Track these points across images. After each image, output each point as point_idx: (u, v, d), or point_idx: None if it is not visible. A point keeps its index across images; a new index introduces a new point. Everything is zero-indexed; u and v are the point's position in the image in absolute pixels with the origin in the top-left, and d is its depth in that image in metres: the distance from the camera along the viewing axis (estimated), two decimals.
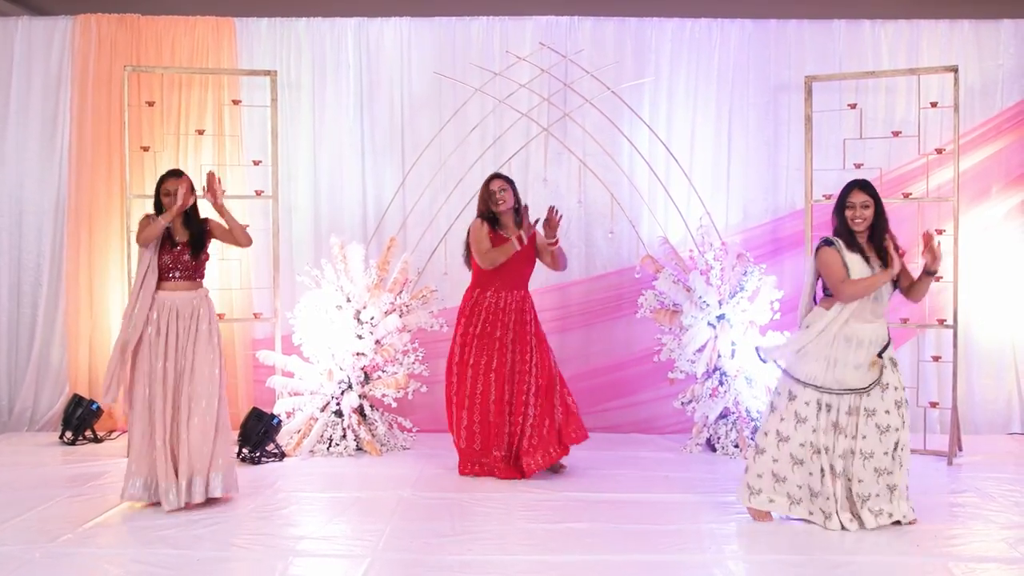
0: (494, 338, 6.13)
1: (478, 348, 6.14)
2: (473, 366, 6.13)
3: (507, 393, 6.11)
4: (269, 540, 4.87)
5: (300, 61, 7.72)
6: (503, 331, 6.15)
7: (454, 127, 7.44)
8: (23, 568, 4.42)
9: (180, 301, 5.46)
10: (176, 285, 5.47)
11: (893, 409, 5.08)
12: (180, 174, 5.51)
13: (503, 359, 6.12)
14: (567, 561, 4.56)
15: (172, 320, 5.43)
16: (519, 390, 6.10)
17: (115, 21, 7.63)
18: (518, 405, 6.09)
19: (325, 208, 7.75)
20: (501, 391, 6.11)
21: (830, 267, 5.11)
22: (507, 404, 6.11)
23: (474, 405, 6.12)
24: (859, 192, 5.13)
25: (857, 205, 5.11)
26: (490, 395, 6.10)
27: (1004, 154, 7.52)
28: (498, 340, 6.13)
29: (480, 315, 6.18)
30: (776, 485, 5.12)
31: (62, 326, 7.63)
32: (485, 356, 6.13)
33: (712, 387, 6.86)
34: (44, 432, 7.53)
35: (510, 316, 6.17)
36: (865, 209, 5.11)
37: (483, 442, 6.13)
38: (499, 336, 6.13)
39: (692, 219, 7.28)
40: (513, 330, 6.15)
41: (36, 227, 7.68)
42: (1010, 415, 7.56)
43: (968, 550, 4.74)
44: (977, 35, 7.58)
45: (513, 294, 6.20)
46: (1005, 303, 7.50)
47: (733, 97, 7.68)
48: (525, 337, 6.16)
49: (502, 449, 6.11)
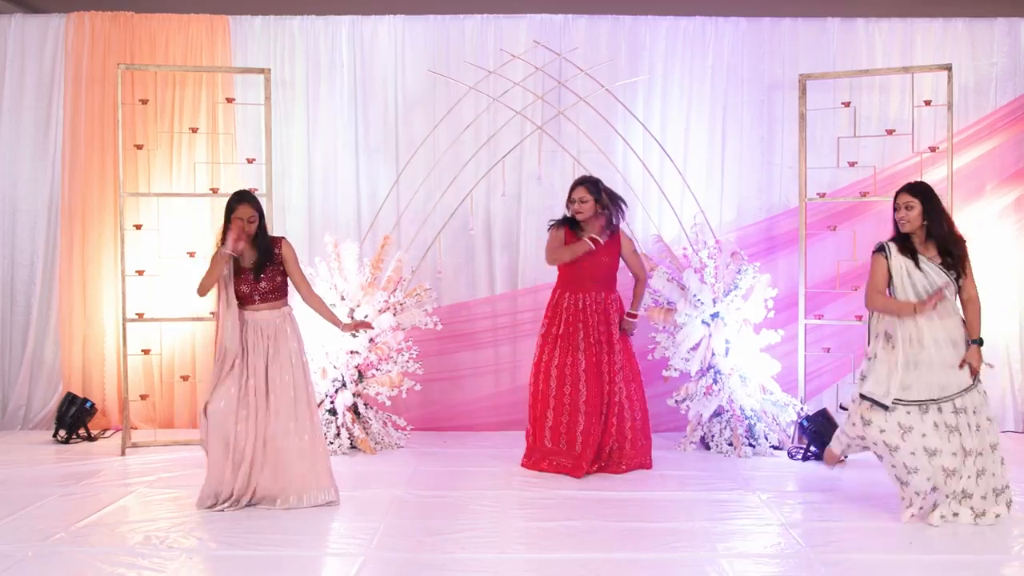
0: (577, 339, 6.19)
1: (562, 349, 6.21)
2: (558, 367, 6.20)
3: (598, 394, 6.15)
4: (262, 538, 4.86)
5: (294, 59, 7.71)
6: (586, 332, 6.20)
7: (448, 125, 7.44)
8: (15, 567, 4.42)
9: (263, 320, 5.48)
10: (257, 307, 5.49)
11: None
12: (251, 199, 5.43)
13: (590, 360, 6.18)
14: (561, 559, 4.56)
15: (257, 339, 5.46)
16: (612, 390, 6.17)
17: (108, 19, 7.61)
18: (611, 406, 6.16)
19: (319, 206, 7.74)
20: (592, 391, 6.15)
21: (871, 274, 5.22)
22: (598, 405, 6.14)
23: (561, 405, 6.19)
24: (903, 193, 5.17)
25: (901, 206, 5.14)
26: (580, 395, 6.17)
27: (998, 152, 7.53)
28: (582, 341, 6.19)
29: (561, 315, 6.25)
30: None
31: (56, 325, 7.62)
32: (570, 357, 6.19)
33: (706, 385, 6.87)
34: (37, 431, 7.53)
35: (592, 317, 6.21)
36: (909, 211, 5.12)
37: (567, 440, 6.17)
38: (583, 337, 6.19)
39: (686, 217, 7.28)
40: (598, 331, 6.21)
41: (29, 225, 7.67)
42: (1003, 413, 7.57)
43: (963, 547, 4.75)
44: (971, 34, 7.59)
45: (592, 295, 6.24)
46: (999, 301, 7.50)
47: (727, 95, 7.68)
48: (610, 338, 6.21)
49: (579, 447, 6.13)
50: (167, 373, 7.49)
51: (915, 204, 5.12)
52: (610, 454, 6.17)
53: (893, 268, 5.15)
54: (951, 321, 5.14)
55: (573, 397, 6.18)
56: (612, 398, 6.17)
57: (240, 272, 5.45)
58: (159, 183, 7.48)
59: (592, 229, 6.22)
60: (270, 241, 5.52)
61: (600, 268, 6.26)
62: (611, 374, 6.18)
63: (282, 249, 5.54)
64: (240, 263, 5.45)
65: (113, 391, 7.57)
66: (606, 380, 6.17)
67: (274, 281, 5.48)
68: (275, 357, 5.42)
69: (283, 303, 5.55)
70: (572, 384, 6.18)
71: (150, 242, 7.23)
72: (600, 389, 6.16)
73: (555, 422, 6.21)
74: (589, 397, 6.15)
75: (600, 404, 6.14)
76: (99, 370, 7.60)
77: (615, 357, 6.20)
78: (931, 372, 5.07)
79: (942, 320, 5.11)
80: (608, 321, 6.23)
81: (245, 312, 5.46)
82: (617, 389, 6.18)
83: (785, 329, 6.97)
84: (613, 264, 6.32)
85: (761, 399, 6.86)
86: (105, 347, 7.59)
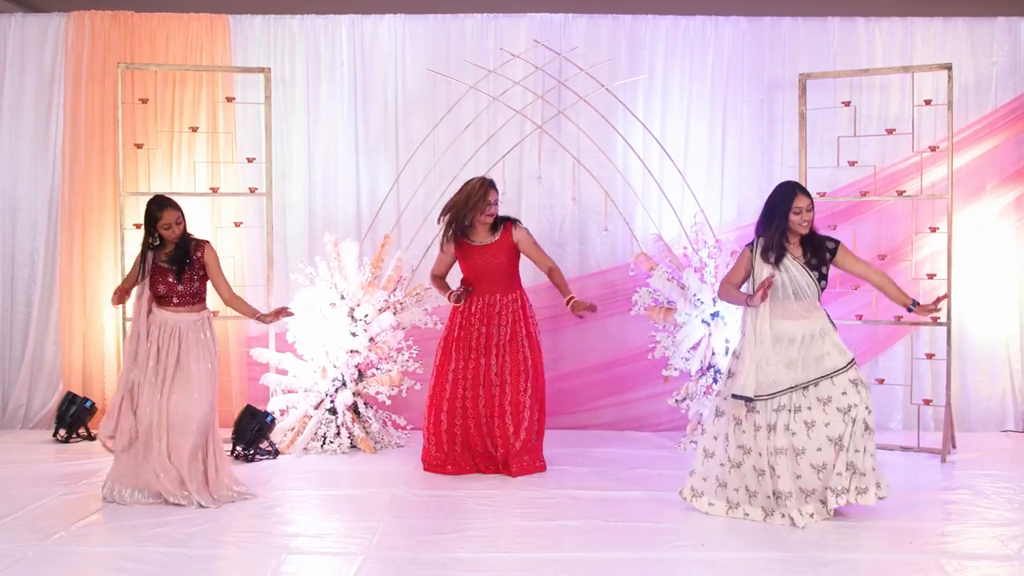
0: (465, 342, 6.15)
1: (455, 351, 6.17)
2: (453, 371, 6.16)
3: (481, 395, 6.11)
4: (262, 538, 4.87)
5: (294, 58, 7.71)
6: (475, 335, 6.15)
7: (448, 125, 7.43)
8: (16, 566, 4.42)
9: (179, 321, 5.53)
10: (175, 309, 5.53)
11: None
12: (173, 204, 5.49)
13: (475, 363, 6.13)
14: (560, 558, 4.56)
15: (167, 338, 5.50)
16: (488, 394, 6.10)
17: (109, 18, 7.62)
18: (493, 408, 6.09)
19: (319, 205, 7.74)
20: (475, 394, 6.11)
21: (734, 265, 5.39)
22: (482, 408, 6.11)
23: (453, 408, 6.14)
24: (804, 196, 5.16)
25: (803, 209, 5.14)
26: (467, 398, 6.13)
27: (998, 152, 7.52)
28: (466, 344, 6.14)
29: (456, 319, 6.22)
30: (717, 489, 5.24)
31: (56, 324, 7.62)
32: (455, 360, 6.14)
33: (706, 385, 6.86)
34: (38, 430, 7.53)
35: (479, 320, 6.16)
36: (809, 212, 5.15)
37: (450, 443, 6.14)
38: (473, 339, 6.14)
39: (686, 216, 7.27)
40: (486, 334, 6.14)
41: (30, 225, 7.67)
42: (1004, 412, 7.57)
43: (961, 547, 4.76)
44: (971, 33, 7.59)
45: (484, 299, 6.18)
46: (999, 300, 7.51)
47: (727, 94, 7.68)
48: (499, 341, 6.12)
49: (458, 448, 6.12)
50: None
51: (812, 208, 5.17)
52: (504, 459, 6.09)
53: (756, 267, 5.19)
54: (816, 317, 5.16)
55: (463, 400, 6.13)
56: (491, 400, 6.09)
57: (159, 271, 5.49)
58: (159, 182, 7.47)
59: (480, 231, 6.15)
60: (192, 245, 5.56)
61: (493, 270, 6.17)
62: (500, 376, 6.10)
63: (204, 254, 5.58)
64: (158, 261, 5.49)
65: (113, 390, 7.56)
66: (495, 383, 6.09)
67: (192, 285, 5.54)
68: (185, 352, 5.47)
69: (201, 307, 5.61)
70: (463, 388, 6.13)
71: None
72: (485, 392, 6.11)
73: (449, 425, 6.16)
74: (472, 400, 6.11)
75: (479, 407, 6.11)
76: (99, 369, 7.60)
77: (505, 358, 6.11)
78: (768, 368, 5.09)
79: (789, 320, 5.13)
80: (499, 323, 6.15)
81: (163, 311, 5.50)
82: (504, 392, 6.08)
83: None
84: (505, 264, 6.19)
85: None
86: (105, 346, 7.59)
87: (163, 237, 5.46)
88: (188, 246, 5.53)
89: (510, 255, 6.20)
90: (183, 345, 5.48)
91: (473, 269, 6.18)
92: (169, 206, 5.45)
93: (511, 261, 6.22)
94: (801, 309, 5.16)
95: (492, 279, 6.18)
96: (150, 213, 5.44)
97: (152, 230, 5.45)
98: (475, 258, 6.15)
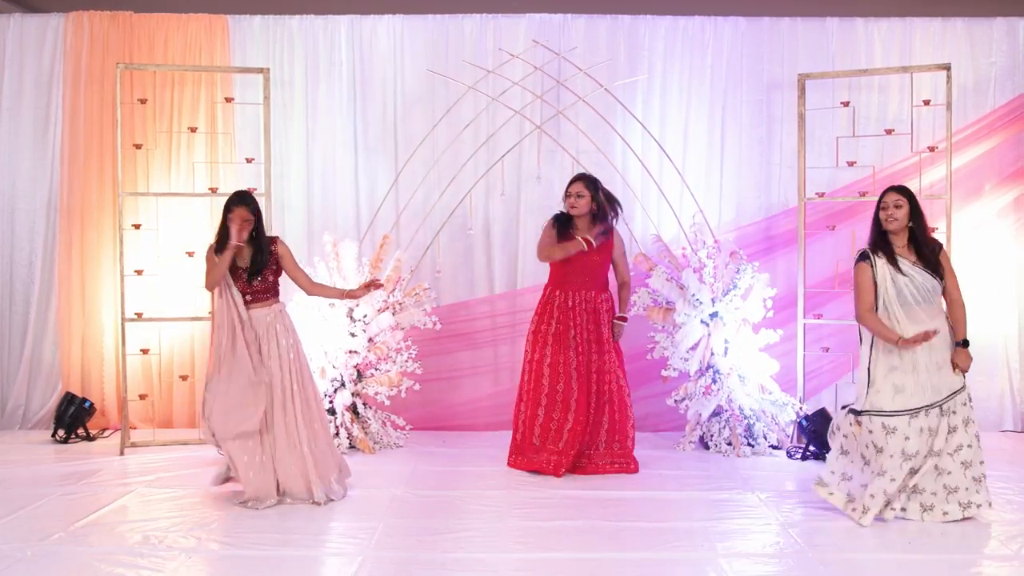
0: (569, 337, 6.20)
1: (553, 347, 6.21)
2: (551, 365, 6.21)
3: (586, 392, 6.16)
4: (261, 537, 4.87)
5: (293, 59, 7.71)
6: (577, 330, 6.21)
7: (447, 125, 7.43)
8: (15, 566, 4.41)
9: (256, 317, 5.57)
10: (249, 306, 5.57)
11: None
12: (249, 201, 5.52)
13: (581, 358, 6.19)
14: (560, 559, 4.56)
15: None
16: (600, 390, 6.19)
17: (107, 18, 7.61)
18: (600, 405, 6.19)
19: (318, 206, 7.74)
20: (582, 389, 6.16)
21: (858, 287, 5.22)
22: (585, 403, 6.15)
23: (552, 402, 6.20)
24: (892, 192, 5.19)
25: (890, 204, 5.15)
26: (572, 393, 6.17)
27: (997, 152, 7.53)
28: (573, 339, 6.20)
29: (552, 313, 6.26)
30: None
31: (54, 324, 7.61)
32: (562, 355, 6.19)
33: (705, 385, 6.87)
34: (36, 430, 7.52)
35: (581, 315, 6.22)
36: (898, 209, 5.14)
37: (542, 438, 6.20)
38: (574, 335, 6.20)
39: (685, 217, 7.28)
40: (587, 329, 6.21)
41: (28, 225, 7.67)
42: (1002, 413, 7.58)
43: (960, 547, 4.76)
44: (970, 33, 7.59)
45: (582, 294, 6.24)
46: (997, 301, 7.51)
47: (726, 95, 7.68)
48: (599, 338, 6.22)
49: (563, 444, 6.13)
50: (166, 373, 7.49)
51: (904, 203, 5.15)
52: (590, 454, 6.17)
53: (879, 276, 5.17)
54: (939, 323, 5.15)
55: (565, 395, 6.18)
56: (601, 398, 6.20)
57: (234, 271, 5.52)
58: (158, 183, 7.47)
59: (584, 228, 6.23)
60: (267, 241, 5.60)
61: (591, 267, 6.27)
62: (600, 373, 6.20)
63: (278, 248, 5.63)
64: (236, 262, 5.52)
65: (112, 391, 7.57)
66: (595, 380, 6.19)
67: (267, 281, 5.58)
68: (268, 354, 5.50)
69: (275, 301, 5.64)
70: (565, 382, 6.19)
71: (149, 242, 7.22)
72: (589, 388, 6.18)
73: (546, 419, 6.21)
74: (580, 395, 6.16)
75: (588, 403, 6.16)
76: (98, 370, 7.60)
77: (605, 357, 6.22)
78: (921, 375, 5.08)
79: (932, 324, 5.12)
80: (598, 320, 6.25)
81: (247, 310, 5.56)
82: (607, 389, 6.21)
83: (784, 329, 6.98)
84: (605, 264, 6.34)
85: (760, 399, 6.87)
86: (104, 347, 7.59)
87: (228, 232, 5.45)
88: (262, 243, 5.57)
89: (609, 258, 6.34)
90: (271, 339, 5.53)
91: (576, 264, 6.22)
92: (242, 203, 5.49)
93: (608, 263, 6.36)
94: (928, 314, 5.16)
95: (592, 276, 6.28)
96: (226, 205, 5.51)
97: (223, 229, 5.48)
98: (582, 254, 6.19)
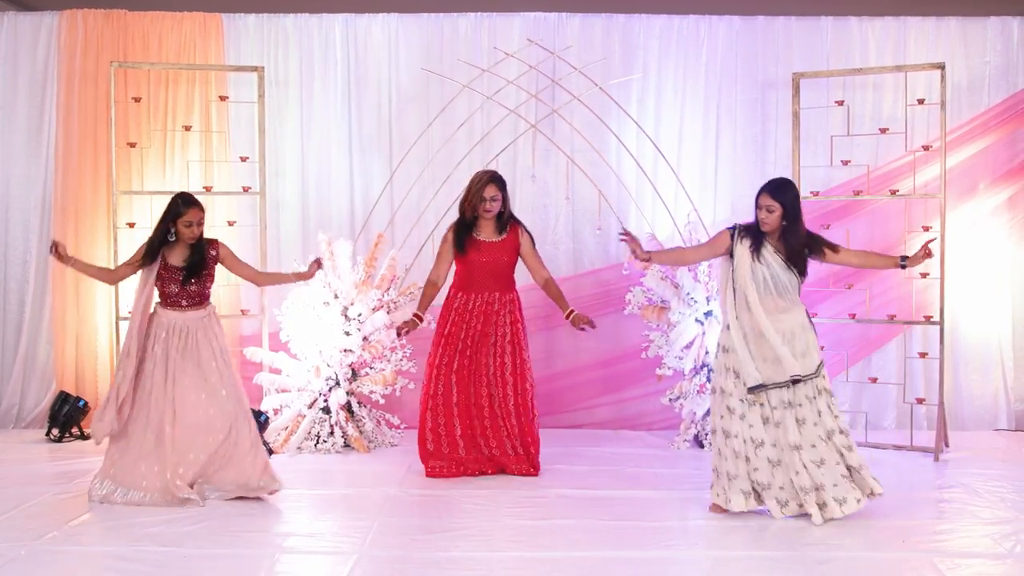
0: (458, 339, 6.06)
1: (444, 347, 6.08)
2: (437, 367, 6.07)
3: (473, 395, 6.05)
4: (256, 537, 4.87)
5: (287, 57, 7.70)
6: (467, 332, 6.07)
7: (442, 123, 7.43)
8: (9, 565, 4.40)
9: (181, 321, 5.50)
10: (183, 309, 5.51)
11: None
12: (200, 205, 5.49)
13: (463, 361, 6.05)
14: (554, 557, 4.56)
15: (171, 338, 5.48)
16: (489, 393, 6.05)
17: (101, 17, 7.59)
18: (491, 408, 6.05)
19: (313, 204, 7.73)
20: (465, 393, 6.05)
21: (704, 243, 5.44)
22: (473, 407, 6.05)
23: (437, 406, 6.07)
24: (764, 195, 5.16)
25: (763, 207, 5.14)
26: (452, 396, 6.05)
27: (991, 151, 7.54)
28: (462, 342, 6.06)
29: (449, 315, 6.13)
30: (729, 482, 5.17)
31: (49, 323, 7.60)
32: (447, 357, 6.06)
33: (700, 383, 6.87)
34: (31, 429, 7.50)
35: (477, 318, 6.08)
36: (770, 214, 5.12)
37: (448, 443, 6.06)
38: (463, 338, 6.06)
39: (680, 215, 7.28)
40: (481, 332, 6.06)
41: (22, 224, 7.65)
42: (996, 411, 7.58)
43: (954, 546, 4.77)
44: (964, 32, 7.60)
45: (482, 296, 6.10)
46: (992, 299, 7.52)
47: (721, 94, 7.68)
48: (498, 341, 6.07)
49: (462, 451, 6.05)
50: None
51: (776, 208, 5.12)
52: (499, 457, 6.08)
53: (736, 255, 5.15)
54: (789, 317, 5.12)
55: (446, 398, 6.04)
56: (494, 402, 6.04)
57: (169, 271, 5.46)
58: (152, 181, 7.46)
59: (489, 231, 6.09)
60: (206, 243, 5.55)
61: (497, 268, 6.09)
62: (495, 377, 6.04)
63: (220, 251, 5.60)
64: (168, 260, 5.46)
65: (106, 390, 7.52)
66: (485, 384, 6.04)
67: (204, 285, 5.54)
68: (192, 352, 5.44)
69: (207, 303, 5.60)
70: (445, 385, 6.05)
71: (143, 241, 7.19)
72: (479, 392, 6.03)
73: (434, 424, 6.07)
74: (460, 398, 6.03)
75: (477, 407, 6.04)
76: (92, 368, 7.58)
77: (499, 360, 6.05)
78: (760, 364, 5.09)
79: (770, 315, 5.09)
80: (495, 322, 6.07)
81: (170, 312, 5.49)
82: (505, 393, 6.03)
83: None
84: (511, 265, 6.15)
85: None
86: (98, 345, 7.57)
87: (179, 234, 5.43)
88: (204, 249, 5.52)
89: (513, 255, 6.15)
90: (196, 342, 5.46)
91: (475, 265, 6.08)
92: (195, 205, 5.44)
93: (514, 261, 6.17)
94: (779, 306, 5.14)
95: (494, 277, 6.11)
96: (175, 208, 5.42)
97: (171, 225, 5.42)
98: (481, 253, 6.07)
